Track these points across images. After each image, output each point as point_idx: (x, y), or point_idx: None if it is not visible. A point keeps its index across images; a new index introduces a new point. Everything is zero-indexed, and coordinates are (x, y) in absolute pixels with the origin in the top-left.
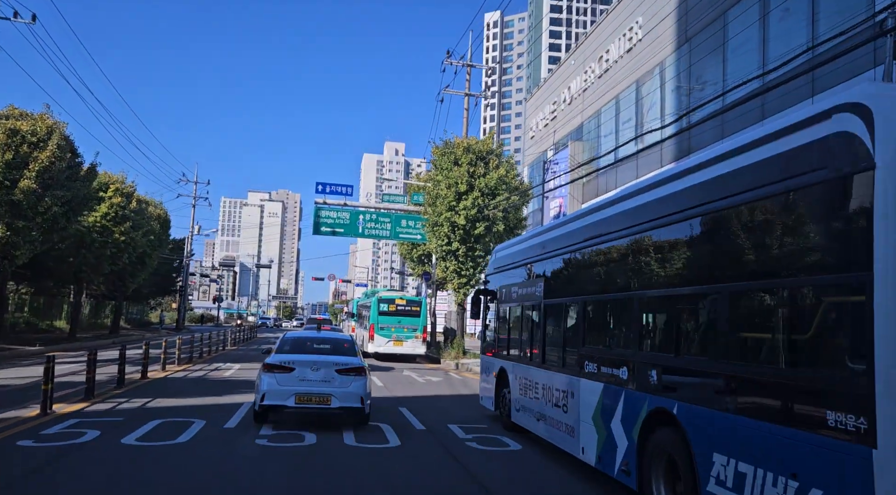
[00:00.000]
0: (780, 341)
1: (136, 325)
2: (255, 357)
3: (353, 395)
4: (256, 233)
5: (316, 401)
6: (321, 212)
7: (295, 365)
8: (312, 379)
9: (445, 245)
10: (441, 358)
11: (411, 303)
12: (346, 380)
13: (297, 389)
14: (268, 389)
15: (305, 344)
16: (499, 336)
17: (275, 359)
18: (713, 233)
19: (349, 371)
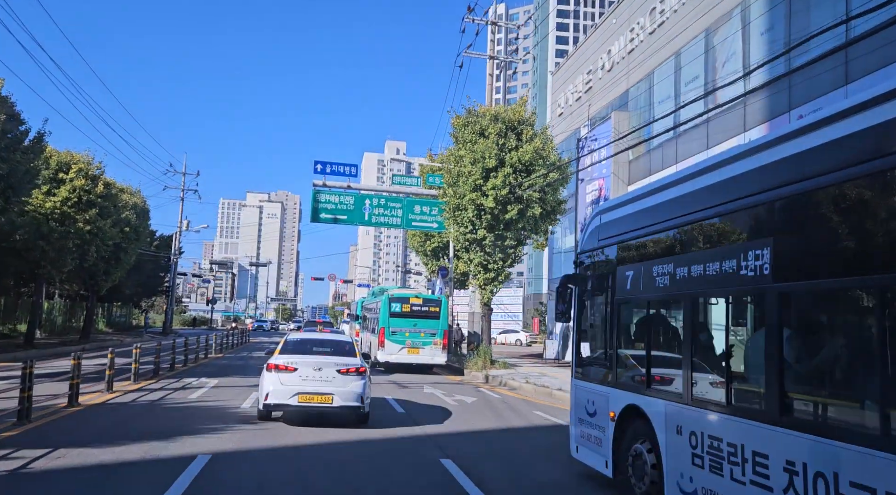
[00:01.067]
0: None
1: (119, 329)
2: (240, 368)
3: (353, 394)
4: (255, 235)
5: (318, 400)
6: (320, 196)
7: (298, 365)
8: (315, 379)
9: (469, 233)
10: (465, 368)
11: (429, 302)
12: (346, 380)
13: (300, 388)
14: (272, 388)
15: (308, 345)
16: (623, 351)
17: (278, 359)
18: None
19: (350, 371)
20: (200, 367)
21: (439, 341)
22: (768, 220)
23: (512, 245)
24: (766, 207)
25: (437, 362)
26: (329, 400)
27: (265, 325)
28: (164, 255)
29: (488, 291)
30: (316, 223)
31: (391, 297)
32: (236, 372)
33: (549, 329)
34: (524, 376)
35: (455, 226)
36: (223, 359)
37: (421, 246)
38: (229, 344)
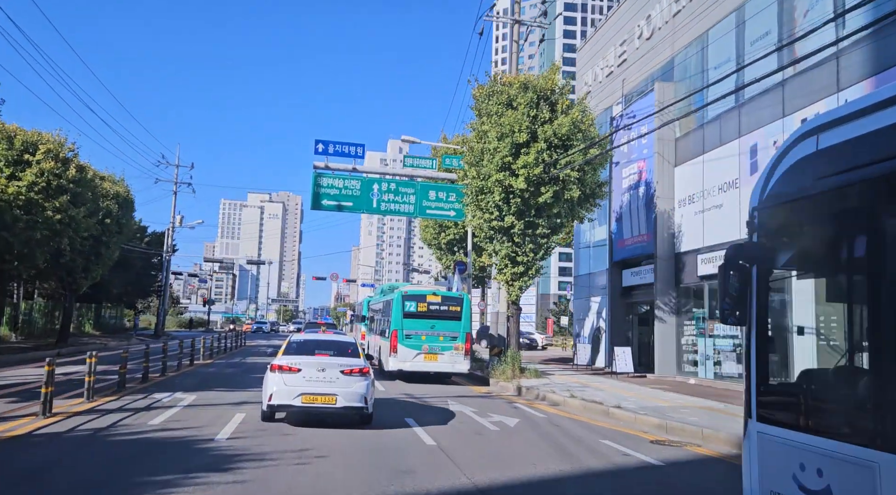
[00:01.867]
0: None
1: (108, 331)
2: (228, 379)
3: (356, 395)
4: (256, 235)
5: (322, 401)
6: (322, 179)
7: (301, 365)
8: (318, 380)
9: (495, 220)
10: (490, 377)
11: (449, 300)
12: (350, 381)
13: (304, 389)
14: (276, 389)
15: (311, 346)
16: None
17: (282, 360)
18: None
19: (353, 371)
20: (181, 377)
21: (461, 346)
22: None
23: (544, 234)
24: None
25: (458, 370)
26: (333, 400)
27: (264, 327)
28: (156, 252)
29: (517, 288)
30: (317, 211)
31: (405, 295)
32: (221, 384)
33: (577, 331)
34: (564, 387)
35: (478, 213)
36: (211, 367)
37: (434, 238)
38: (222, 348)
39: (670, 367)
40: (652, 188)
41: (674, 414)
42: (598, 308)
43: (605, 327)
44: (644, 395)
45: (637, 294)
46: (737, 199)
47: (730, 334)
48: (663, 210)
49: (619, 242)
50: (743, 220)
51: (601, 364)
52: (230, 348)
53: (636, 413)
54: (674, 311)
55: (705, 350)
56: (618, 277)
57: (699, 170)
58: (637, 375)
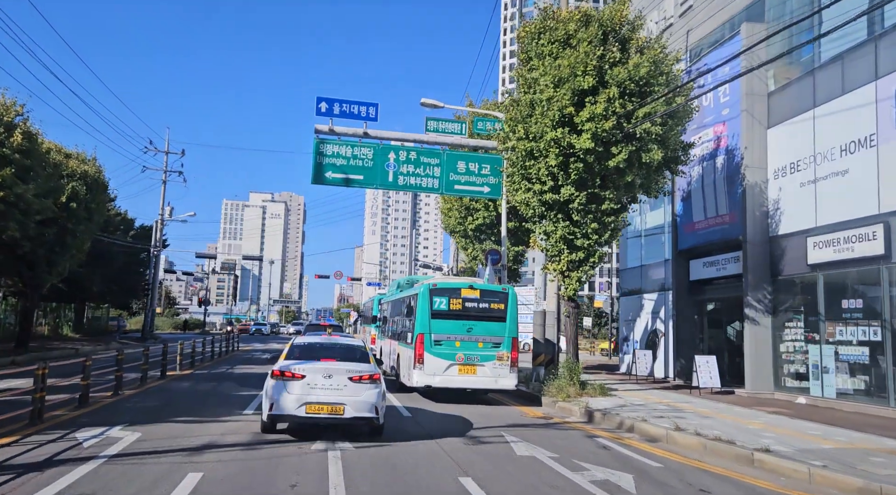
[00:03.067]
0: None
1: (90, 334)
2: (200, 399)
3: (366, 404)
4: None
5: (328, 411)
6: (325, 147)
7: (305, 372)
8: (324, 388)
9: (548, 192)
10: (542, 394)
11: (490, 295)
12: (359, 388)
13: (308, 398)
14: (277, 398)
15: (316, 350)
16: None
17: (284, 365)
18: None
19: (363, 378)
20: (138, 398)
21: (506, 355)
22: None
23: (611, 210)
24: None
25: (502, 387)
26: (340, 410)
27: (264, 329)
28: (143, 247)
29: (574, 279)
30: (320, 185)
31: (433, 288)
32: (188, 409)
33: (624, 334)
34: (650, 411)
35: (523, 185)
36: (186, 380)
37: (459, 224)
38: (209, 354)
39: (765, 381)
40: (737, 156)
41: (871, 467)
42: (654, 306)
43: (664, 330)
44: (774, 426)
45: (711, 289)
46: (873, 161)
47: (864, 340)
48: (754, 183)
49: (685, 227)
50: (887, 186)
51: (660, 373)
52: (218, 355)
53: (804, 462)
54: (768, 310)
55: (821, 360)
56: (684, 269)
57: (806, 128)
58: (723, 391)
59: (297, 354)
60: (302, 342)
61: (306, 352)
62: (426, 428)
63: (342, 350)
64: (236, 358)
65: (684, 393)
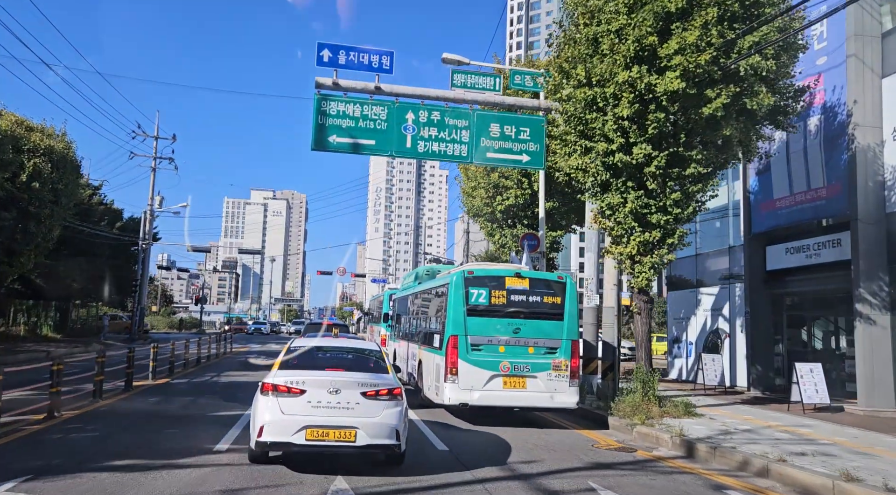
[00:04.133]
0: None
1: (75, 335)
2: (163, 426)
3: (385, 427)
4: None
5: (335, 437)
6: (328, 104)
7: (306, 385)
8: (330, 406)
9: (618, 151)
10: (609, 413)
11: (542, 285)
12: (375, 407)
13: (310, 420)
14: (269, 419)
15: (319, 356)
16: None
17: (279, 377)
18: None
19: (380, 393)
20: (80, 421)
21: (564, 362)
22: None
23: (698, 175)
24: None
25: (561, 404)
26: (351, 436)
27: (263, 328)
28: (130, 238)
29: (647, 266)
30: (321, 152)
31: (469, 277)
32: (138, 445)
33: (674, 335)
34: (773, 442)
35: (581, 145)
36: (159, 392)
37: (486, 205)
38: (198, 358)
39: (885, 395)
40: (840, 114)
41: None
42: (715, 302)
43: (728, 330)
44: None
45: (796, 281)
46: None
47: None
48: (866, 146)
49: (762, 206)
50: None
51: (726, 381)
52: (206, 359)
53: None
54: (886, 306)
55: None
56: (759, 257)
57: None
58: (830, 407)
59: (296, 362)
60: (301, 346)
61: (307, 359)
62: (467, 463)
63: (352, 356)
64: (227, 362)
65: (780, 410)
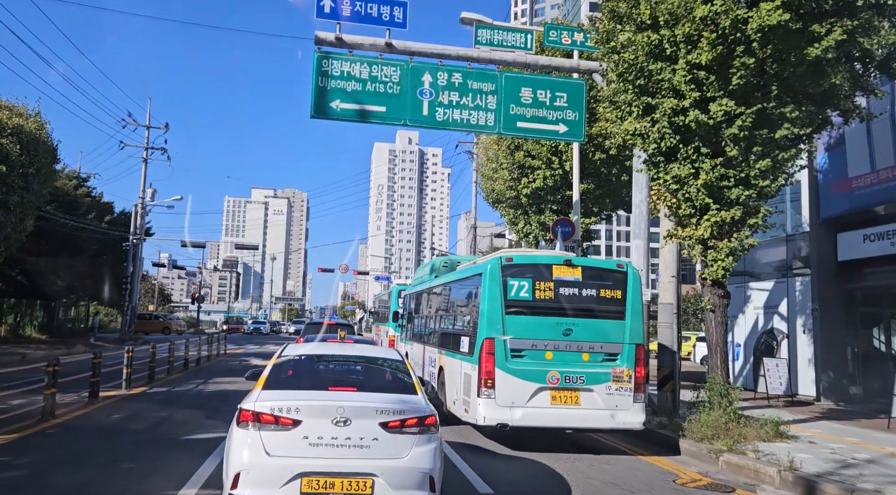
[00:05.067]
0: None
1: (61, 335)
2: (128, 455)
3: (414, 474)
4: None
5: (344, 489)
6: (331, 64)
7: (303, 413)
8: (336, 444)
9: (691, 108)
10: (680, 434)
11: (597, 276)
12: (400, 444)
13: (307, 465)
14: (248, 465)
15: (320, 369)
16: None
17: (263, 400)
18: None
19: (407, 424)
20: (11, 449)
21: (627, 372)
22: None
23: (792, 138)
24: None
25: (625, 425)
26: (367, 487)
27: (263, 328)
28: (120, 233)
29: (723, 252)
30: (323, 119)
31: (507, 265)
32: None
33: None
34: None
35: (640, 104)
36: (128, 405)
37: (510, 188)
38: (184, 361)
39: None
40: None
41: None
42: (769, 299)
43: (786, 330)
44: None
45: (876, 273)
46: None
47: None
48: None
49: (833, 185)
50: None
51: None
52: (196, 361)
53: None
54: None
55: None
56: (829, 246)
57: None
58: None
59: (288, 378)
60: (295, 354)
61: (303, 374)
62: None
63: (366, 368)
64: (219, 365)
65: (878, 428)
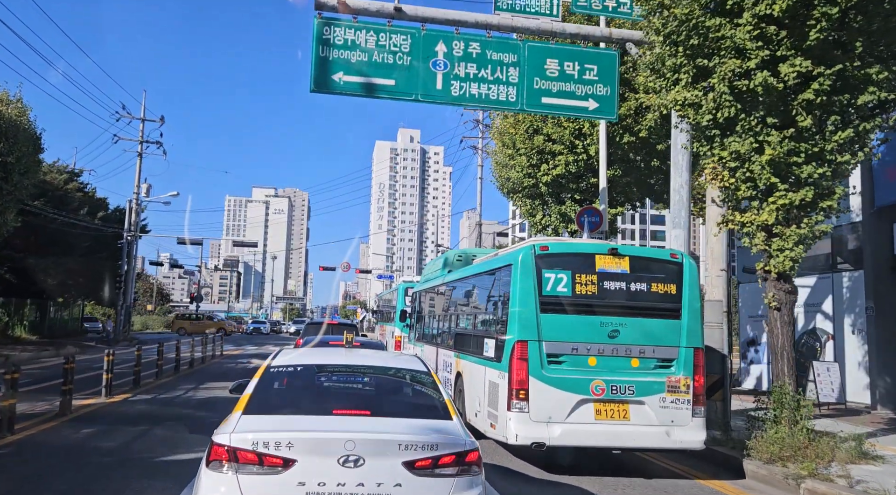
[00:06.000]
0: None
1: (54, 335)
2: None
3: None
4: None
5: None
6: (333, 32)
7: (297, 450)
8: (342, 492)
9: (758, 69)
10: (748, 453)
11: (646, 267)
12: (432, 490)
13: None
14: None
15: (322, 384)
16: None
17: (244, 432)
18: None
19: (441, 463)
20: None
21: (684, 381)
22: None
23: (878, 104)
24: None
25: (682, 445)
26: None
27: (263, 328)
28: (114, 230)
29: (791, 240)
30: (324, 93)
31: (542, 254)
32: None
33: (750, 336)
34: None
35: (693, 67)
36: (106, 415)
37: (529, 175)
38: (175, 364)
39: None
40: None
41: None
42: (811, 296)
43: (831, 331)
44: None
45: None
46: None
47: None
48: None
49: (890, 170)
50: None
51: (833, 395)
52: (189, 363)
53: None
54: None
55: None
56: (885, 238)
57: None
58: None
59: (279, 396)
60: (291, 364)
61: (299, 390)
62: None
63: (380, 383)
64: (214, 368)
65: None
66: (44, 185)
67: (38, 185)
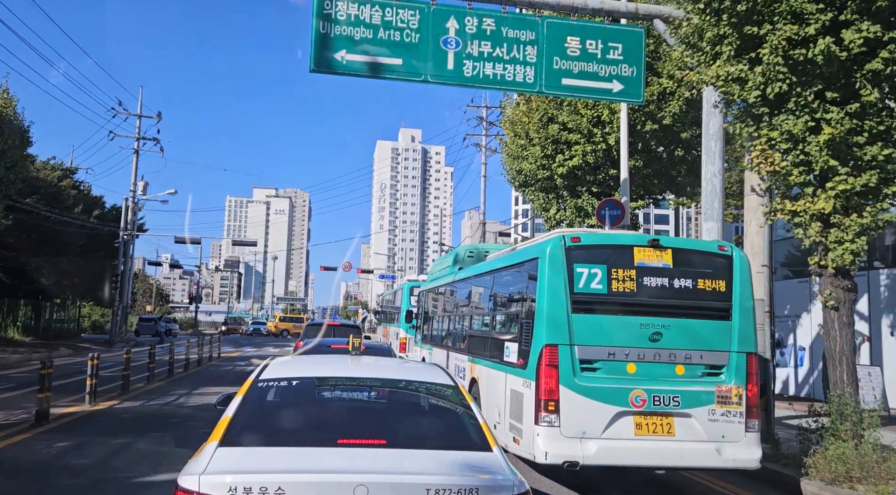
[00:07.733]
0: None
1: (48, 336)
2: None
3: None
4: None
5: None
6: (335, 5)
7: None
8: None
9: (825, 37)
10: (806, 472)
11: (691, 261)
12: None
13: None
14: None
15: (320, 402)
16: None
17: (218, 472)
18: None
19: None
20: None
21: (736, 390)
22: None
23: None
24: None
25: (734, 463)
26: None
27: (262, 329)
28: (110, 228)
29: (851, 231)
30: (326, 73)
31: (572, 246)
32: None
33: (779, 337)
34: None
35: (736, 38)
36: (84, 426)
37: (543, 167)
38: (169, 367)
39: None
40: None
41: None
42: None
43: (867, 332)
44: None
45: None
46: None
47: None
48: None
49: None
50: None
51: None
52: (184, 366)
53: None
54: None
55: None
56: None
57: None
58: None
59: (268, 419)
60: (284, 377)
61: (293, 412)
62: None
63: (396, 403)
64: (209, 371)
65: None
66: (36, 182)
67: (29, 182)
